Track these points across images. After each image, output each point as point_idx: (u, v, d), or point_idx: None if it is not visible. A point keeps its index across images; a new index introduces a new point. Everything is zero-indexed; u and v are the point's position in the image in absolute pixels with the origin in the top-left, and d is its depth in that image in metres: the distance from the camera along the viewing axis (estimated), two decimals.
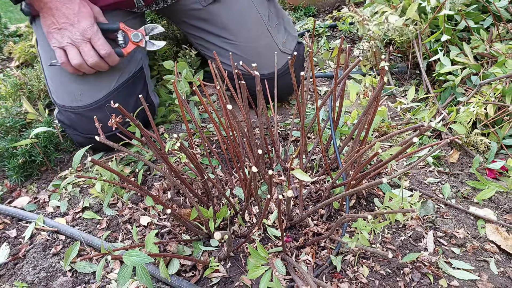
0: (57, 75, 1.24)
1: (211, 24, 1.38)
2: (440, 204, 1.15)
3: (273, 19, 1.42)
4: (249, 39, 1.38)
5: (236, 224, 1.05)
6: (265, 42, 1.39)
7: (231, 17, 1.37)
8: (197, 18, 1.38)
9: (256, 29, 1.39)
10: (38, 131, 1.24)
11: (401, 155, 0.91)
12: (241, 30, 1.38)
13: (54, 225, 1.09)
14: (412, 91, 1.36)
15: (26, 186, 1.24)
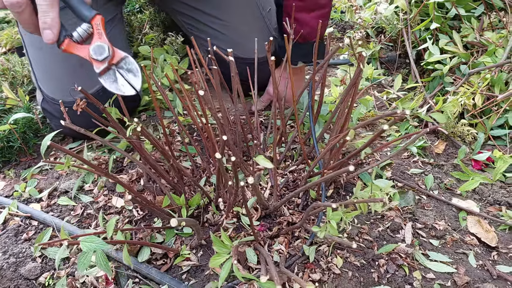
0: (45, 64, 1.18)
1: (205, 4, 1.35)
2: (421, 195, 1.12)
3: (266, 4, 1.39)
4: (243, 21, 1.35)
5: (210, 212, 1.03)
6: (258, 25, 1.36)
7: None
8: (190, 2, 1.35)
9: (250, 12, 1.36)
10: (16, 116, 1.22)
11: (382, 145, 0.89)
12: (235, 12, 1.35)
13: (28, 211, 1.08)
14: (398, 81, 1.32)
15: (4, 171, 1.23)
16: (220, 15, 1.34)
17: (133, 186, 1.14)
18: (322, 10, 1.20)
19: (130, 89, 0.75)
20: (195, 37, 1.42)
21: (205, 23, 1.36)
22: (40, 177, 1.21)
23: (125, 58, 0.75)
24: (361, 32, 1.54)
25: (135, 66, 0.75)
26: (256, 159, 0.70)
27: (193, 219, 0.98)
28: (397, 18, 1.44)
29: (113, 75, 0.75)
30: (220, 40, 1.36)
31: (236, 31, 1.35)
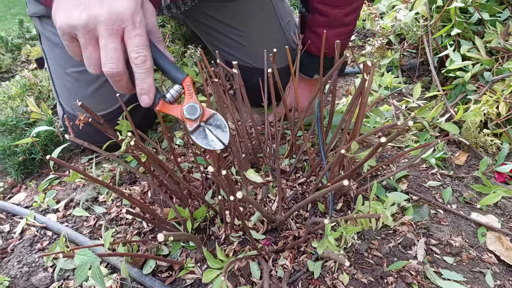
0: (68, 84, 1.21)
1: (225, 15, 1.36)
2: (438, 210, 1.07)
3: (285, 15, 1.39)
4: (262, 32, 1.36)
5: (216, 225, 1.03)
6: (277, 36, 1.36)
7: (247, 9, 1.35)
8: (214, 8, 1.36)
9: (269, 23, 1.36)
10: (39, 130, 1.28)
11: (396, 155, 0.85)
12: (255, 23, 1.36)
13: (44, 221, 1.12)
14: (417, 89, 1.28)
15: (26, 183, 1.28)
16: (240, 26, 1.35)
17: (144, 198, 1.15)
18: (345, 28, 1.18)
19: (219, 144, 0.75)
20: (215, 47, 1.44)
21: (225, 33, 1.37)
22: (59, 188, 1.25)
23: (213, 115, 0.76)
24: (381, 39, 1.50)
25: (223, 122, 0.76)
26: (246, 173, 0.69)
27: (189, 233, 0.98)
28: (417, 25, 1.39)
29: (203, 132, 0.76)
30: (239, 51, 1.37)
31: (255, 42, 1.35)
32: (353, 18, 1.16)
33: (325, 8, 1.14)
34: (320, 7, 1.15)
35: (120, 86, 0.72)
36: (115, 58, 0.67)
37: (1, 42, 1.85)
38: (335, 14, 1.13)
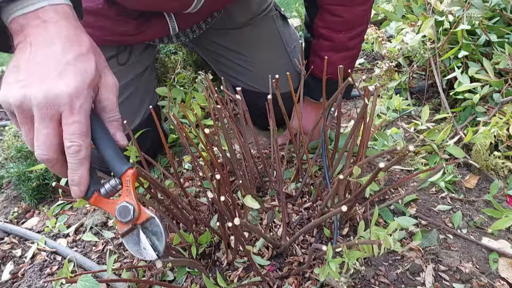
0: None
1: (233, 42, 1.39)
2: (447, 235, 1.05)
3: (291, 41, 1.42)
4: (268, 58, 1.38)
5: (221, 250, 1.03)
6: (283, 61, 1.38)
7: (253, 36, 1.38)
8: (220, 35, 1.40)
9: (276, 49, 1.39)
10: None
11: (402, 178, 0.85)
12: (262, 49, 1.38)
13: (54, 246, 1.14)
14: (426, 112, 1.27)
15: (39, 208, 1.31)
16: (246, 52, 1.38)
17: None
18: (350, 52, 1.19)
19: (151, 254, 0.67)
20: (223, 73, 1.47)
21: (232, 59, 1.40)
22: (70, 213, 1.27)
23: (150, 219, 0.67)
24: (389, 62, 1.50)
25: (160, 229, 0.67)
26: (244, 199, 0.70)
27: (204, 258, 0.98)
28: (425, 47, 1.39)
29: (137, 237, 0.67)
30: (246, 76, 1.39)
31: (261, 67, 1.37)
32: (357, 42, 1.17)
33: (329, 33, 1.16)
34: (324, 32, 1.16)
35: (55, 171, 0.64)
36: (46, 145, 0.59)
37: None
38: (339, 39, 1.15)
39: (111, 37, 1.16)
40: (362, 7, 1.10)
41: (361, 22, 1.13)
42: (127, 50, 1.24)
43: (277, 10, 1.43)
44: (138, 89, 1.28)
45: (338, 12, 1.10)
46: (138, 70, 1.30)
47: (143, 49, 1.31)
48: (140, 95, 1.29)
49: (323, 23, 1.14)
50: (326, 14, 1.13)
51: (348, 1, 1.08)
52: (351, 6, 1.09)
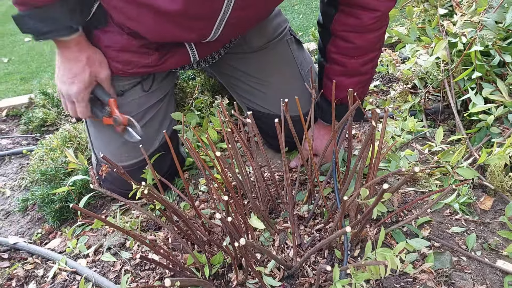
0: (102, 136, 1.33)
1: (248, 65, 1.43)
2: (461, 257, 1.04)
3: (305, 65, 1.45)
4: (282, 81, 1.42)
5: (233, 271, 1.05)
6: (297, 84, 1.41)
7: (268, 60, 1.42)
8: (237, 60, 1.44)
9: (290, 72, 1.43)
10: (75, 179, 1.37)
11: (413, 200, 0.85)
12: (276, 72, 1.42)
13: (74, 266, 1.17)
14: (440, 133, 1.27)
15: (61, 229, 1.36)
16: (261, 75, 1.42)
17: (168, 243, 1.19)
18: (362, 77, 1.22)
19: (136, 137, 1.20)
20: (238, 96, 1.51)
21: (247, 83, 1.44)
22: (91, 234, 1.31)
23: (129, 120, 1.20)
24: (404, 84, 1.51)
25: (134, 122, 1.20)
26: (250, 220, 0.72)
27: (217, 279, 1.00)
28: (438, 69, 1.40)
29: (128, 132, 1.21)
30: (260, 99, 1.42)
31: (276, 90, 1.40)
32: (370, 67, 1.19)
33: (341, 58, 1.18)
34: (337, 57, 1.19)
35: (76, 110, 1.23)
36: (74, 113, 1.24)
37: (48, 98, 2.02)
38: (351, 64, 1.17)
39: (135, 69, 1.23)
40: (375, 34, 1.12)
41: (373, 48, 1.15)
42: (150, 78, 1.31)
43: (291, 35, 1.47)
44: (158, 114, 1.34)
45: (350, 38, 1.13)
46: (159, 95, 1.36)
47: (165, 76, 1.38)
48: (159, 120, 1.34)
49: (335, 48, 1.17)
50: (339, 40, 1.15)
51: (360, 28, 1.10)
52: (363, 32, 1.11)
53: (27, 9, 1.03)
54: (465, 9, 1.36)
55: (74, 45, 1.12)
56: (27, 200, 1.41)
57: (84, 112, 1.20)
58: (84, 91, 1.17)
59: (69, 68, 1.15)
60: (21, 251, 1.29)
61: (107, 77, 1.21)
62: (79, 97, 1.17)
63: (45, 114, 1.94)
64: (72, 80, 1.15)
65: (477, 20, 1.31)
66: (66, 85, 1.17)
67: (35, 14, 1.04)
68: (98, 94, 1.22)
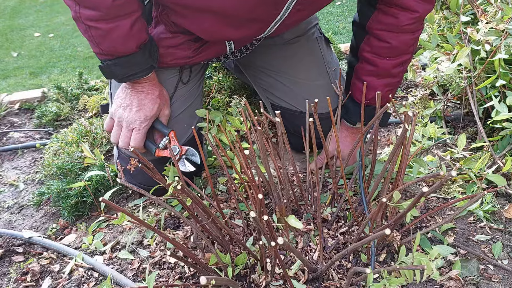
0: None
1: (277, 57, 1.43)
2: (488, 265, 1.03)
3: (332, 63, 1.44)
4: (309, 77, 1.41)
5: (257, 272, 1.03)
6: (323, 82, 1.40)
7: (297, 53, 1.42)
8: (267, 52, 1.44)
9: (317, 69, 1.42)
10: (91, 174, 1.35)
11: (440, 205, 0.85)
12: (303, 68, 1.42)
13: (91, 262, 1.16)
14: (462, 140, 1.26)
15: (77, 224, 1.34)
16: (289, 70, 1.42)
17: (187, 242, 1.18)
18: (392, 79, 1.21)
19: (191, 167, 1.24)
20: (263, 90, 1.49)
21: (275, 77, 1.44)
22: (107, 231, 1.30)
23: (188, 150, 1.25)
24: (424, 90, 1.50)
25: (195, 152, 1.24)
26: (287, 219, 0.70)
27: (231, 279, 0.98)
28: (460, 76, 1.39)
29: (182, 161, 1.24)
30: (285, 94, 1.42)
31: (302, 86, 1.40)
32: (400, 70, 1.18)
33: (374, 58, 1.17)
34: (369, 57, 1.18)
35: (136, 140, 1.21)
36: (125, 142, 1.20)
37: (62, 92, 2.01)
38: (383, 65, 1.16)
39: (175, 61, 1.26)
40: (410, 36, 1.12)
41: (407, 51, 1.14)
42: (188, 70, 1.33)
43: (321, 34, 1.46)
44: (191, 107, 1.35)
45: (385, 38, 1.12)
46: (195, 88, 1.37)
47: (200, 68, 1.39)
48: (191, 114, 1.34)
49: (369, 47, 1.16)
50: (373, 39, 1.15)
51: (397, 28, 1.10)
52: (399, 33, 1.11)
53: (112, 58, 1.11)
54: (491, 17, 1.35)
55: (150, 80, 1.20)
56: (43, 194, 1.39)
57: (139, 141, 1.20)
58: (149, 120, 1.20)
59: (139, 97, 1.19)
60: (36, 246, 1.28)
61: (168, 114, 1.27)
62: (143, 125, 1.19)
63: (58, 109, 1.93)
64: (140, 108, 1.18)
65: (503, 28, 1.30)
66: (132, 112, 1.18)
67: (121, 62, 1.12)
68: (158, 127, 1.24)
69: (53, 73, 3.04)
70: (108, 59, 1.13)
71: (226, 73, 1.87)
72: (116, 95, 1.23)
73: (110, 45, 1.09)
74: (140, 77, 1.16)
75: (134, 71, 1.15)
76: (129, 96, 1.20)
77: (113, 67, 1.13)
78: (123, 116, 1.19)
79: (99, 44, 1.09)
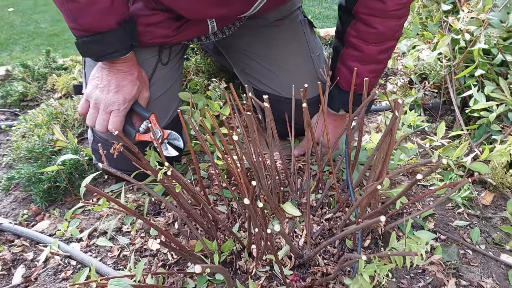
0: None
1: (260, 40, 1.40)
2: (467, 250, 1.06)
3: (316, 48, 1.42)
4: (294, 62, 1.38)
5: (243, 259, 1.02)
6: (307, 68, 1.39)
7: (282, 37, 1.39)
8: (251, 35, 1.40)
9: (300, 53, 1.39)
10: (64, 158, 1.28)
11: (422, 193, 0.86)
12: (288, 51, 1.39)
13: (67, 250, 1.11)
14: (442, 128, 1.28)
15: (50, 210, 1.28)
16: (273, 54, 1.39)
17: (169, 229, 1.15)
18: (377, 66, 1.21)
19: (175, 152, 1.19)
20: (245, 75, 1.46)
21: (258, 61, 1.40)
22: (82, 217, 1.25)
23: (170, 133, 1.19)
24: (404, 78, 1.52)
25: (177, 135, 1.19)
26: (283, 206, 0.69)
27: (221, 266, 0.97)
28: (441, 65, 1.41)
29: (165, 146, 1.19)
30: (269, 79, 1.39)
31: (286, 71, 1.37)
32: (385, 57, 1.18)
33: (360, 43, 1.17)
34: (355, 42, 1.17)
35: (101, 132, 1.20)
36: (102, 125, 1.14)
37: (28, 71, 1.90)
38: (369, 50, 1.16)
39: (154, 40, 1.20)
40: (396, 22, 1.11)
41: (392, 37, 1.14)
42: (167, 50, 1.27)
43: (305, 17, 1.44)
44: (172, 88, 1.30)
45: (372, 23, 1.11)
46: (175, 69, 1.32)
47: (180, 48, 1.33)
48: (172, 95, 1.30)
49: (356, 32, 1.15)
50: (360, 23, 1.14)
51: (384, 13, 1.09)
52: (386, 18, 1.10)
53: (88, 35, 1.05)
54: (472, 7, 1.37)
55: (129, 60, 1.13)
56: (12, 179, 1.31)
57: (118, 125, 1.13)
58: (129, 102, 1.14)
59: (117, 78, 1.12)
60: (6, 233, 1.21)
61: (148, 97, 1.22)
62: (122, 107, 1.13)
63: (25, 88, 1.83)
64: (118, 90, 1.12)
65: (484, 17, 1.32)
66: (110, 94, 1.11)
67: (99, 40, 1.05)
68: (137, 110, 1.18)
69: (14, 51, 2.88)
70: (84, 35, 1.06)
71: (204, 54, 1.82)
72: (92, 75, 1.16)
73: (88, 20, 1.02)
74: (118, 56, 1.10)
75: (112, 50, 1.08)
76: (106, 76, 1.14)
77: (89, 45, 1.07)
78: (100, 98, 1.13)
79: (76, 19, 1.02)
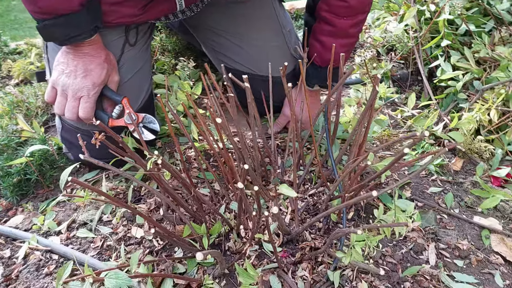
0: None
1: (229, 17, 1.36)
2: (443, 215, 1.11)
3: (287, 23, 1.41)
4: (264, 38, 1.36)
5: (231, 240, 1.03)
6: (278, 43, 1.37)
7: (250, 13, 1.36)
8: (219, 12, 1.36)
9: (270, 28, 1.37)
10: (33, 149, 1.23)
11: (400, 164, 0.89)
12: (257, 27, 1.37)
13: (48, 244, 1.07)
14: (412, 99, 1.32)
15: (22, 204, 1.23)
16: (243, 30, 1.36)
17: (152, 215, 1.13)
18: (349, 40, 1.21)
19: (151, 135, 1.16)
20: (215, 53, 1.43)
21: (227, 37, 1.38)
22: (58, 209, 1.20)
23: (144, 117, 1.16)
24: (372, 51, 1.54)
25: (152, 118, 1.16)
26: (279, 188, 0.70)
27: (214, 248, 0.97)
28: (408, 36, 1.44)
29: (141, 130, 1.16)
30: (240, 56, 1.37)
31: (257, 48, 1.36)
32: (357, 30, 1.19)
33: (332, 17, 1.17)
34: (327, 16, 1.17)
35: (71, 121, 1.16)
36: (72, 112, 1.08)
37: None
38: (341, 24, 1.16)
39: (119, 20, 1.13)
40: None
41: (363, 10, 1.15)
42: (134, 30, 1.21)
43: None
44: (143, 69, 1.26)
45: None
46: (143, 49, 1.27)
47: (147, 28, 1.28)
48: (144, 76, 1.26)
49: (327, 6, 1.15)
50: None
51: None
52: None
53: (50, 18, 0.99)
54: None
55: (95, 42, 1.08)
56: None
57: (89, 111, 1.08)
58: (98, 86, 1.09)
59: (84, 62, 1.07)
60: None
61: (118, 80, 1.16)
62: (91, 92, 1.07)
63: None
64: (86, 74, 1.06)
65: None
66: (77, 79, 1.06)
67: (61, 22, 1.00)
68: (108, 94, 1.13)
69: None
70: (45, 19, 1.00)
71: (169, 33, 1.76)
72: (56, 60, 1.10)
73: (49, 2, 0.97)
74: (83, 39, 1.05)
75: (76, 33, 1.03)
76: (72, 61, 1.08)
77: (52, 28, 1.01)
78: (68, 84, 1.07)
79: (35, 1, 0.96)
